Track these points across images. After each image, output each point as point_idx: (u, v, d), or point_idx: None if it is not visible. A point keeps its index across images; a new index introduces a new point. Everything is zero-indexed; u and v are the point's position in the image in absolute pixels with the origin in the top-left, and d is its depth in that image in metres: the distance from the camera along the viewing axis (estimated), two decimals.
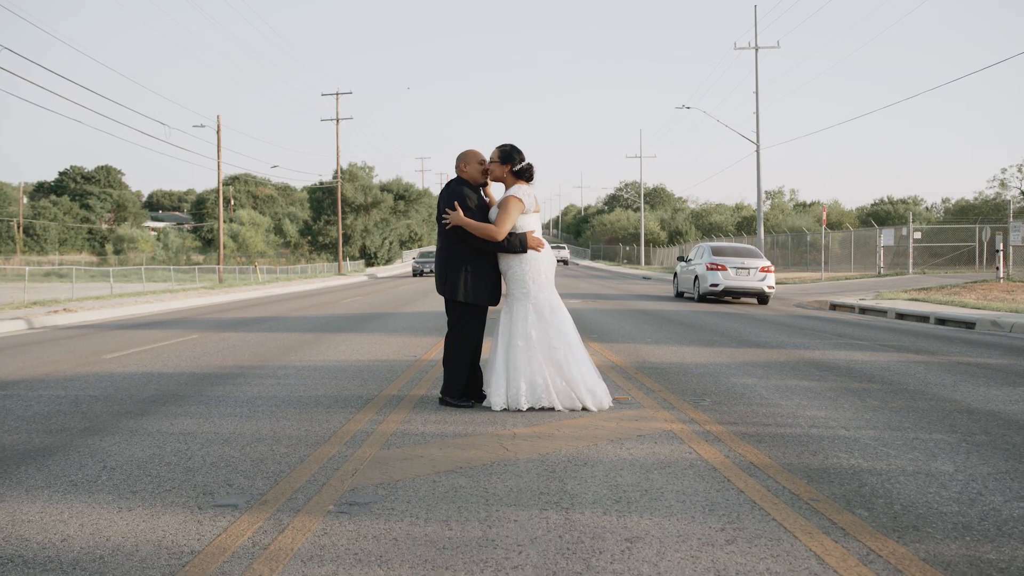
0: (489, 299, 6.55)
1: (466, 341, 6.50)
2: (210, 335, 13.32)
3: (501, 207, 6.42)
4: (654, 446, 5.20)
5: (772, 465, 4.74)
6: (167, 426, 5.95)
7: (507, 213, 6.36)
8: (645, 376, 8.19)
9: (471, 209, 6.40)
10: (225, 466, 4.79)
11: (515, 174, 6.53)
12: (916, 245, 39.31)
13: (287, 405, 6.73)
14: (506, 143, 6.61)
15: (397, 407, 6.57)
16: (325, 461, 4.85)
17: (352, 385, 7.72)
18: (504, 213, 6.37)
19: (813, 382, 7.91)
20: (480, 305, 6.52)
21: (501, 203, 6.45)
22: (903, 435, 5.57)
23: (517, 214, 6.40)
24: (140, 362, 9.76)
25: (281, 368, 9.02)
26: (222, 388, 7.66)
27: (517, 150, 6.56)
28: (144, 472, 4.69)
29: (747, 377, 8.18)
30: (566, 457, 4.92)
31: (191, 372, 8.80)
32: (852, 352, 10.44)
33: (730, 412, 6.35)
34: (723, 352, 10.31)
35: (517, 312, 6.42)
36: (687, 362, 9.31)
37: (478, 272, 6.45)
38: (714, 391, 7.32)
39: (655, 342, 11.49)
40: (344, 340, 11.96)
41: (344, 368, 8.94)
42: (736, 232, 71.70)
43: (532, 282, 6.42)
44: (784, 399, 6.95)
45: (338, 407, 6.62)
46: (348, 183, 75.83)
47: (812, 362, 9.40)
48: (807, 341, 11.81)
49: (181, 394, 7.36)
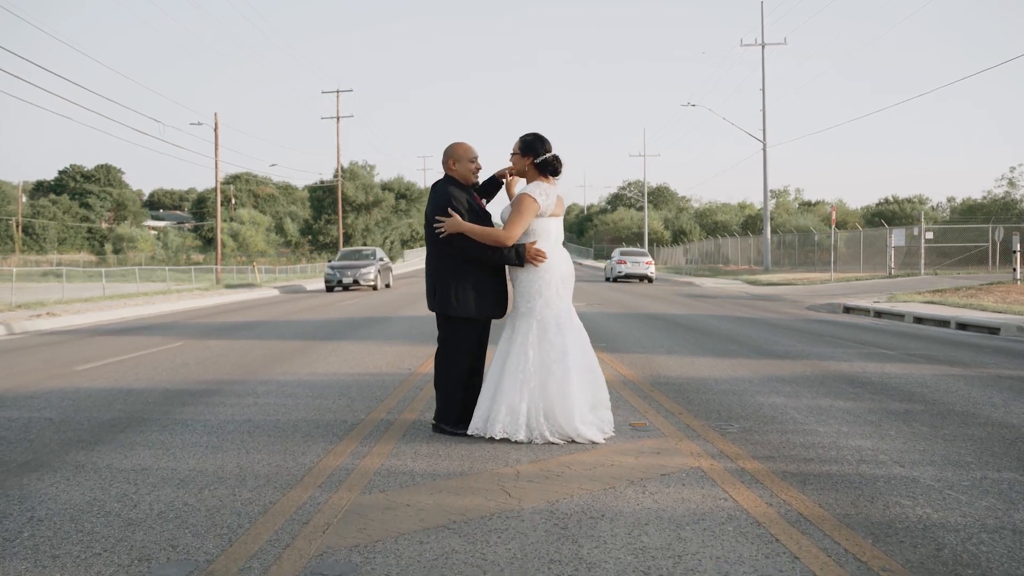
0: (489, 310, 5.73)
1: (458, 359, 5.70)
2: (195, 343, 12.56)
3: (514, 207, 5.58)
4: (682, 490, 4.43)
5: (826, 518, 3.96)
6: (119, 460, 5.19)
7: (520, 215, 5.51)
8: (662, 394, 7.42)
9: (462, 214, 5.61)
10: (174, 518, 4.02)
11: (537, 167, 5.67)
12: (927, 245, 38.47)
13: (261, 432, 5.96)
14: (529, 132, 5.74)
15: (384, 435, 5.80)
16: (293, 512, 4.08)
17: (337, 406, 6.95)
18: (516, 215, 5.52)
19: (848, 401, 7.13)
20: (474, 319, 5.72)
21: (514, 202, 5.62)
22: (968, 474, 4.79)
23: (531, 216, 5.54)
24: (112, 375, 8.99)
25: (263, 383, 8.25)
26: (193, 409, 6.89)
27: (541, 139, 5.69)
28: (76, 526, 3.92)
29: (775, 395, 7.41)
30: (580, 506, 4.14)
31: (163, 389, 8.04)
32: (882, 364, 9.66)
33: (763, 442, 5.57)
34: (743, 364, 9.53)
35: (519, 328, 5.60)
36: (706, 376, 8.53)
37: (475, 281, 5.63)
38: (741, 414, 6.55)
39: (668, 352, 10.71)
40: (335, 349, 11.19)
41: (331, 384, 8.17)
42: (741, 231, 70.90)
43: (539, 296, 5.58)
44: (821, 424, 6.17)
45: (318, 434, 5.85)
46: (349, 182, 75.05)
47: (842, 376, 8.62)
48: (830, 351, 11.03)
49: (146, 417, 6.59)
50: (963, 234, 42.56)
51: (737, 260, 59.05)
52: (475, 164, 5.79)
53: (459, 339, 5.70)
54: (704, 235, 79.88)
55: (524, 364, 5.47)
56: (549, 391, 5.44)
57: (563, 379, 5.44)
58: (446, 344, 5.74)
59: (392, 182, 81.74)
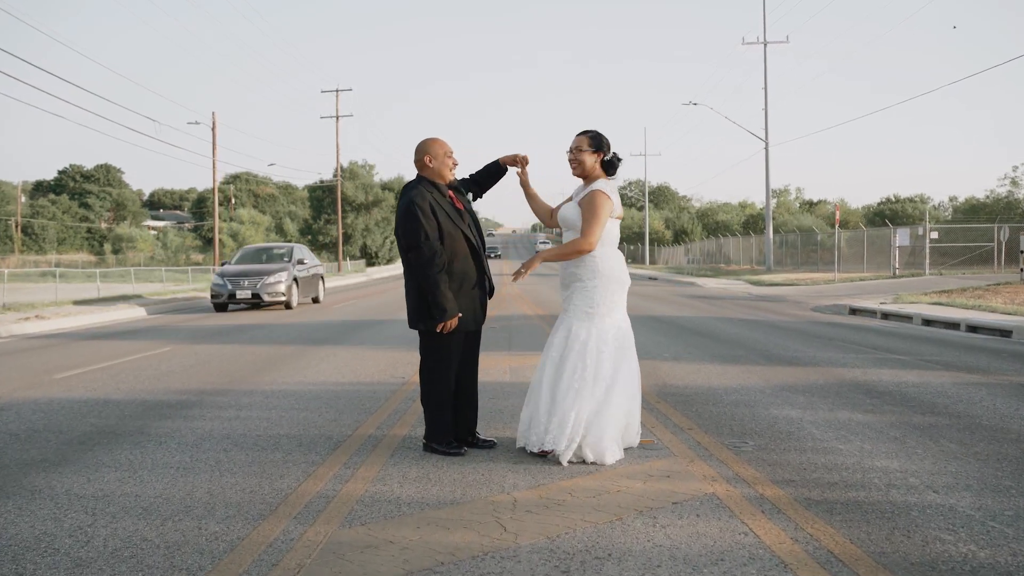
0: (461, 324, 5.20)
1: (442, 372, 5.23)
2: (183, 347, 12.13)
3: (587, 207, 5.11)
4: (697, 522, 3.99)
5: (860, 557, 3.52)
6: (81, 485, 4.76)
7: (596, 216, 5.06)
8: (670, 407, 6.98)
9: (450, 217, 5.18)
10: (129, 557, 3.59)
11: (604, 165, 5.26)
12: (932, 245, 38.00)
13: (239, 449, 5.53)
14: (591, 128, 5.31)
15: (371, 454, 5.36)
16: (263, 550, 3.65)
17: (323, 420, 6.52)
18: (593, 216, 5.06)
19: (867, 414, 6.69)
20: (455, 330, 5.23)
21: (588, 201, 5.14)
22: (1010, 501, 4.36)
23: (607, 217, 5.11)
24: (91, 384, 8.57)
25: (247, 394, 7.82)
26: (170, 424, 6.46)
27: (604, 136, 5.30)
28: (16, 568, 3.49)
29: (789, 407, 6.97)
30: (583, 543, 3.71)
31: (142, 399, 7.61)
32: (896, 371, 9.22)
33: (781, 463, 5.14)
34: (753, 372, 9.09)
35: (576, 332, 5.14)
36: (715, 386, 8.10)
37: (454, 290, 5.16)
38: (754, 429, 6.11)
39: (674, 358, 10.27)
40: (327, 355, 10.76)
41: (319, 394, 7.74)
42: (743, 231, 70.44)
43: (601, 301, 5.15)
44: (841, 441, 5.73)
45: (300, 453, 5.42)
46: (348, 181, 74.58)
47: (856, 385, 8.18)
48: (841, 356, 10.59)
49: (119, 432, 6.16)
50: (965, 234, 42.07)
51: (739, 260, 58.59)
52: (451, 159, 5.35)
53: (438, 348, 5.24)
54: (705, 235, 79.39)
55: (582, 373, 5.05)
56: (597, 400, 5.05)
57: (607, 396, 5.06)
58: (425, 356, 5.30)
59: (392, 182, 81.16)
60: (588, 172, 5.27)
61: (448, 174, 5.33)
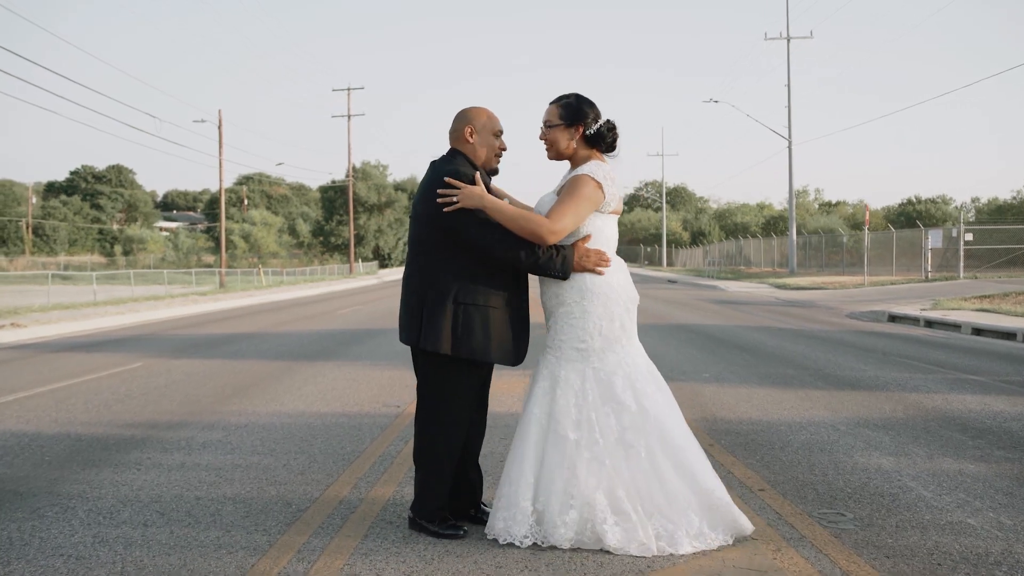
0: (501, 354, 3.79)
1: (453, 424, 3.83)
2: (157, 362, 10.78)
3: (567, 191, 3.72)
4: None
5: None
6: None
7: (575, 200, 3.67)
8: (727, 453, 5.56)
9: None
10: None
11: (588, 141, 3.85)
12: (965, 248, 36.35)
13: (162, 523, 4.15)
14: (567, 93, 3.89)
15: (339, 533, 3.96)
16: None
17: (287, 472, 5.13)
18: (570, 199, 3.68)
19: (978, 464, 5.25)
20: (478, 362, 3.83)
21: (568, 185, 3.75)
22: None
23: (590, 208, 3.72)
24: (27, 413, 7.22)
25: (206, 428, 6.45)
26: (92, 475, 5.09)
27: (587, 101, 3.86)
28: None
29: (876, 453, 5.54)
30: None
31: (77, 436, 6.25)
32: (981, 397, 7.76)
33: (900, 548, 3.71)
34: (813, 399, 7.65)
35: (566, 379, 3.73)
36: (775, 420, 6.67)
37: (486, 302, 3.74)
38: (845, 489, 4.69)
39: (716, 379, 8.84)
40: (314, 375, 9.38)
41: (292, 431, 6.36)
42: (764, 233, 68.83)
43: (597, 332, 3.72)
44: (966, 510, 4.30)
45: (246, 528, 4.03)
46: (361, 182, 73.39)
47: (944, 418, 6.74)
48: (907, 376, 9.13)
49: (21, 489, 4.80)
50: (993, 235, 40.34)
51: (760, 262, 56.97)
52: (500, 142, 3.94)
53: (450, 391, 3.81)
54: (723, 236, 77.76)
55: (588, 436, 3.63)
56: (632, 471, 3.62)
57: (652, 455, 3.64)
58: (430, 398, 3.86)
59: (405, 182, 79.87)
60: (565, 153, 3.87)
61: (492, 160, 3.93)
